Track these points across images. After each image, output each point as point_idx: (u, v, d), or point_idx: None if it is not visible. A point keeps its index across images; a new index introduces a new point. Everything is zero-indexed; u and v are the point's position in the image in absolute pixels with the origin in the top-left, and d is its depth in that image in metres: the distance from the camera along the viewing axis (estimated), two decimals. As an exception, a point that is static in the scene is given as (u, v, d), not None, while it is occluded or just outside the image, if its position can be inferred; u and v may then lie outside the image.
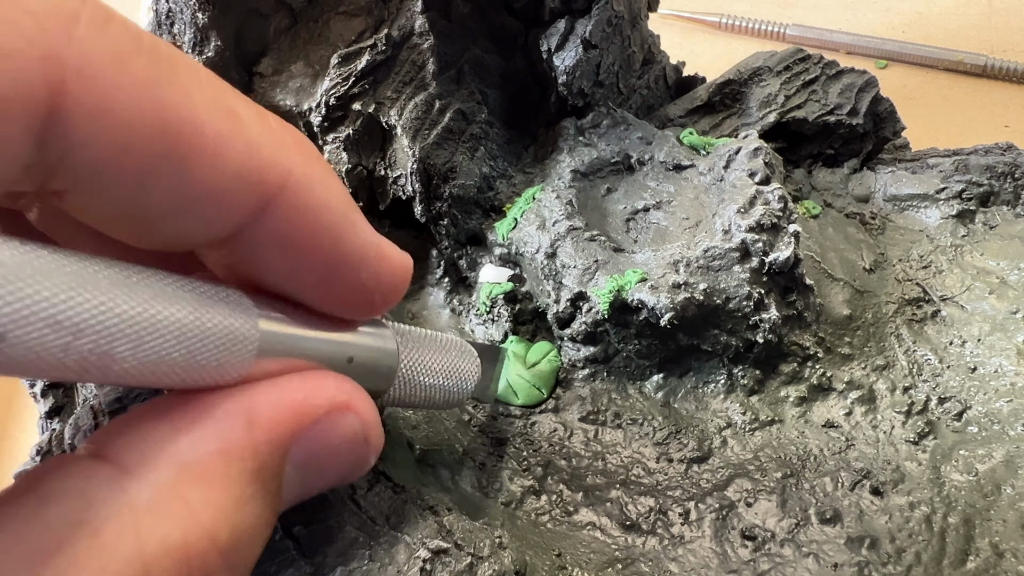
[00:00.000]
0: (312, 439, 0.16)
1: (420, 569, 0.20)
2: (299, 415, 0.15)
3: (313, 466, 0.16)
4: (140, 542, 0.12)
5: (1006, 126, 0.51)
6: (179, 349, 0.13)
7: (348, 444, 0.17)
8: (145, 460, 0.13)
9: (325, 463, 0.17)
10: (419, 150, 0.31)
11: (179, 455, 0.13)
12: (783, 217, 0.28)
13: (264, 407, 0.15)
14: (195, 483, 0.13)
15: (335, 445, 0.16)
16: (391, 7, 0.31)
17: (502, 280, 0.32)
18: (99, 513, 0.12)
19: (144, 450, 0.13)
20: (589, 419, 0.29)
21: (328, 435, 0.16)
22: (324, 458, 0.16)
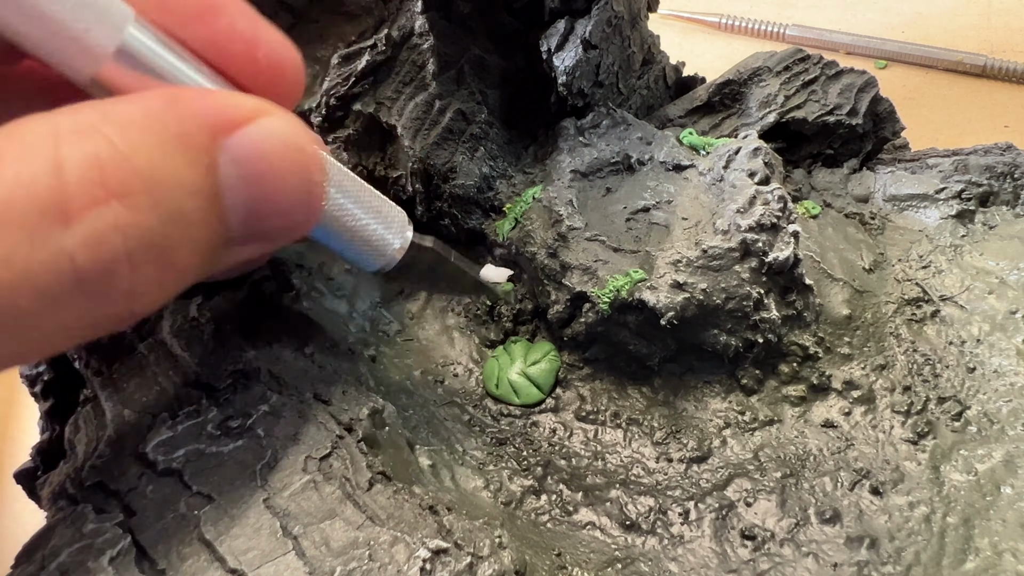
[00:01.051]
0: (243, 138, 0.16)
1: (420, 569, 0.20)
2: (221, 110, 0.16)
3: (250, 168, 0.17)
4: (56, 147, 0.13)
5: (1006, 126, 0.51)
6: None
7: (280, 147, 0.17)
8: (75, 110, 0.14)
9: (263, 166, 0.17)
10: (419, 150, 0.31)
11: (104, 110, 0.15)
12: (783, 217, 0.28)
13: (189, 96, 0.16)
14: (114, 126, 0.14)
15: (268, 145, 0.17)
16: (391, 7, 0.31)
17: (502, 280, 0.32)
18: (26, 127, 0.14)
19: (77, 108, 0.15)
20: (589, 419, 0.29)
21: (256, 135, 0.17)
22: (260, 159, 0.17)
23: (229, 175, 0.16)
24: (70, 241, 0.13)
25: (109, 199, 0.14)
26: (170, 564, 0.19)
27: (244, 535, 0.20)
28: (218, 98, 0.17)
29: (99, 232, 0.14)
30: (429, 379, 0.31)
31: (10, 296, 0.13)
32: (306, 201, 0.18)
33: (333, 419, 0.23)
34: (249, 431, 0.22)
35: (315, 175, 0.18)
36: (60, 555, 0.19)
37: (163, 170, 0.15)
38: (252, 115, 0.17)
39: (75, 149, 0.14)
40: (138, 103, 0.15)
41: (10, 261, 0.13)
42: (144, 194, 0.14)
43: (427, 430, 0.28)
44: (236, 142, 0.16)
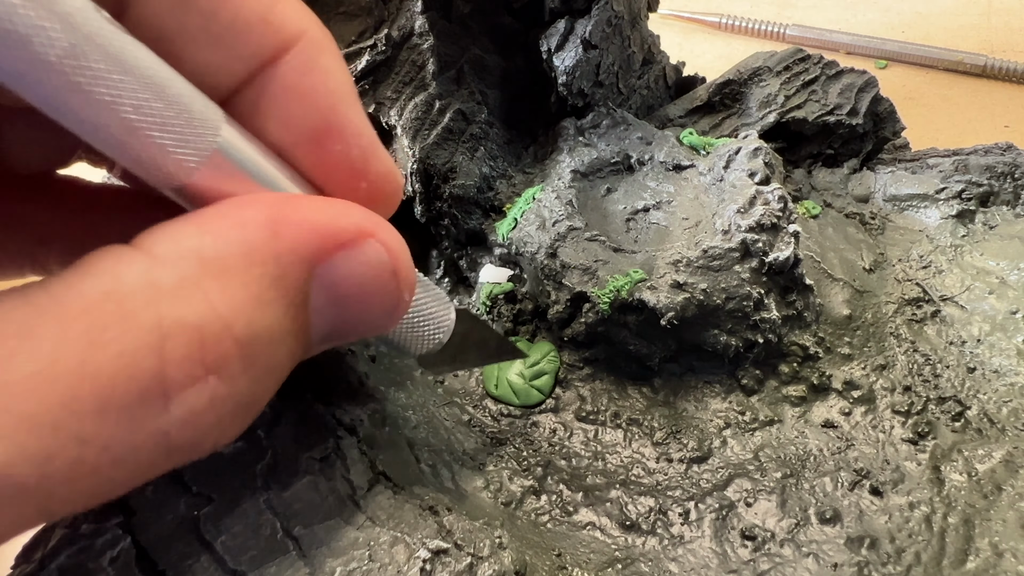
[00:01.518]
0: (338, 263, 0.16)
1: (420, 569, 0.20)
2: (323, 235, 0.16)
3: (341, 294, 0.16)
4: (159, 316, 0.13)
5: (1006, 126, 0.51)
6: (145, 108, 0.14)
7: (375, 273, 0.17)
8: (172, 252, 0.14)
9: (353, 291, 0.17)
10: (419, 150, 0.31)
11: (203, 250, 0.14)
12: (783, 217, 0.28)
13: (289, 221, 0.15)
14: (215, 277, 0.14)
15: (362, 273, 0.16)
16: (391, 7, 0.31)
17: (502, 280, 0.32)
18: (126, 288, 0.13)
19: (173, 245, 0.14)
20: (589, 419, 0.29)
21: (354, 261, 0.16)
22: (351, 286, 0.16)
23: (320, 303, 0.16)
24: (167, 421, 0.13)
25: (207, 376, 0.13)
26: (170, 565, 0.19)
27: (244, 535, 0.20)
28: (322, 217, 0.16)
29: (195, 410, 0.14)
30: (429, 379, 0.31)
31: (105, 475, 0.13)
32: (389, 319, 0.18)
33: (333, 419, 0.23)
34: (249, 431, 0.22)
35: (404, 297, 0.18)
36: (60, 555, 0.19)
37: (260, 328, 0.14)
38: (354, 237, 0.16)
39: (177, 320, 0.13)
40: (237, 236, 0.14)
41: (109, 447, 0.13)
42: (239, 361, 0.14)
43: (427, 430, 0.28)
44: (330, 267, 0.16)
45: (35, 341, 0.12)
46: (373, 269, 0.17)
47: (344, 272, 0.16)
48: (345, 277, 0.16)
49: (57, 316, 0.12)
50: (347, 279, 0.16)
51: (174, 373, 0.13)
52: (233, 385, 0.14)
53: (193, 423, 0.14)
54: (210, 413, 0.14)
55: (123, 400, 0.12)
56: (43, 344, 0.12)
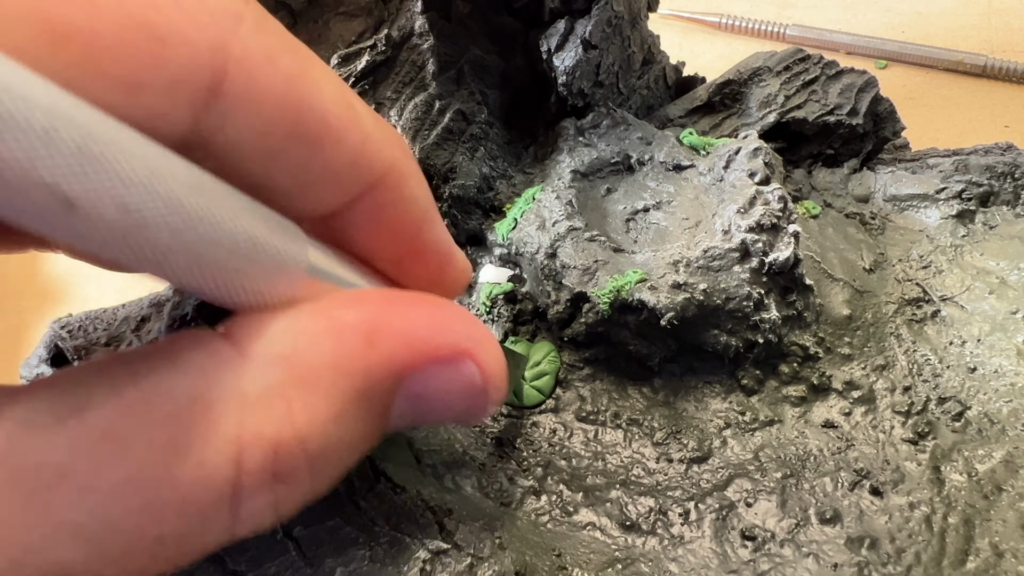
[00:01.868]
0: (429, 379, 0.16)
1: (420, 569, 0.20)
2: (421, 350, 0.15)
3: (425, 405, 0.16)
4: (240, 428, 0.13)
5: (1006, 126, 0.51)
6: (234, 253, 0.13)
7: (465, 392, 0.16)
8: (264, 353, 0.14)
9: (438, 405, 0.16)
10: (419, 150, 0.31)
11: (295, 357, 0.14)
12: (783, 217, 0.28)
13: (387, 331, 0.15)
14: (301, 387, 0.14)
15: (452, 391, 0.16)
16: (391, 7, 0.31)
17: (502, 280, 0.32)
18: (215, 393, 0.13)
19: (266, 343, 0.14)
20: (589, 419, 0.29)
21: (446, 380, 0.16)
22: (438, 400, 0.16)
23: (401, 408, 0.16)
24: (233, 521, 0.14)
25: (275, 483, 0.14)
26: (170, 565, 0.19)
27: (244, 536, 0.20)
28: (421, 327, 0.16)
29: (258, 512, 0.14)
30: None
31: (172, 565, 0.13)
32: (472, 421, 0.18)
33: (333, 419, 0.23)
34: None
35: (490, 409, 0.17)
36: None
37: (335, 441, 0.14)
38: (451, 356, 0.16)
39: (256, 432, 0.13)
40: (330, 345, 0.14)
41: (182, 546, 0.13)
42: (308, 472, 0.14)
43: (427, 430, 0.28)
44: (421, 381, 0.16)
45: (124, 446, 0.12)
46: (463, 389, 0.16)
47: (433, 388, 0.16)
48: (433, 393, 0.16)
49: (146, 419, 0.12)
50: (434, 396, 0.16)
51: (247, 480, 0.13)
52: (297, 490, 0.14)
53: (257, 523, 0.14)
54: (271, 513, 0.14)
55: (199, 505, 0.13)
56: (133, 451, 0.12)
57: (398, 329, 0.15)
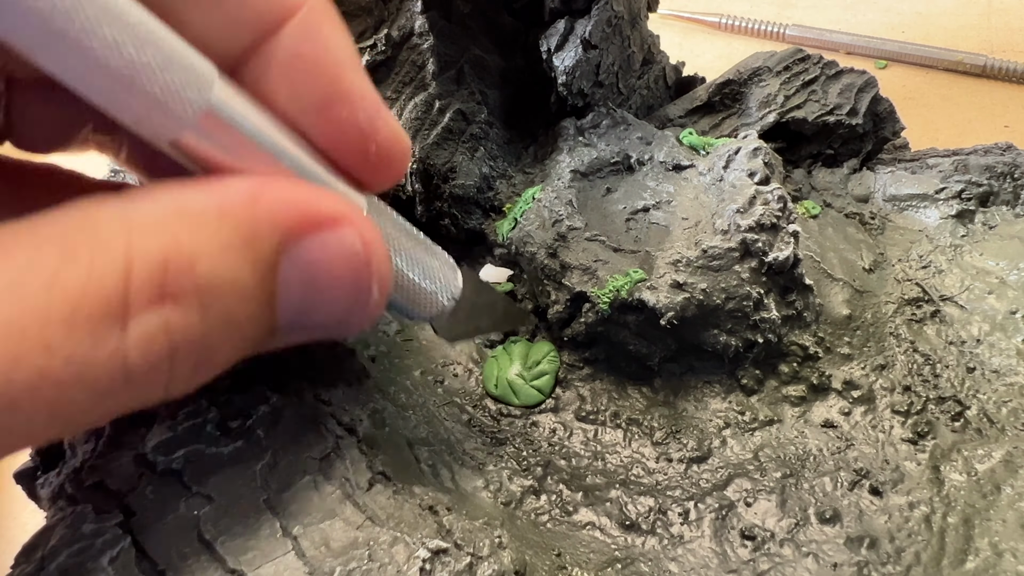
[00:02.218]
0: (312, 243, 0.16)
1: (420, 569, 0.20)
2: (301, 212, 0.16)
3: (311, 273, 0.17)
4: (129, 244, 0.14)
5: (1006, 126, 0.51)
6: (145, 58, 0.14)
7: (348, 259, 0.17)
8: (149, 199, 0.15)
9: (324, 276, 0.17)
10: (419, 150, 0.31)
11: (180, 201, 0.15)
12: (782, 217, 0.28)
13: (270, 193, 0.16)
14: (186, 223, 0.15)
15: (334, 256, 0.17)
16: (391, 7, 0.31)
17: (502, 280, 0.32)
18: (101, 221, 0.14)
19: (151, 195, 0.15)
20: (589, 419, 0.29)
21: (328, 244, 0.17)
22: (323, 269, 0.17)
23: (288, 278, 0.16)
24: (125, 341, 0.14)
25: (164, 301, 0.14)
26: (170, 565, 0.19)
27: (244, 535, 0.20)
28: (302, 196, 0.16)
29: (150, 334, 0.14)
30: (429, 379, 0.31)
31: (67, 391, 0.13)
32: (363, 311, 0.18)
33: (333, 419, 0.23)
34: (249, 431, 0.22)
35: (376, 290, 0.18)
36: (60, 555, 0.19)
37: (223, 277, 0.15)
38: (331, 221, 0.17)
39: (145, 247, 0.14)
40: (216, 196, 0.15)
41: (72, 359, 0.13)
42: (196, 298, 0.15)
43: (427, 430, 0.28)
44: (305, 247, 0.16)
45: (10, 257, 0.13)
46: (346, 255, 0.17)
47: (316, 253, 0.16)
48: (317, 258, 0.17)
49: (34, 237, 0.13)
50: (319, 260, 0.17)
51: (135, 295, 0.14)
52: (187, 319, 0.14)
53: (148, 348, 0.14)
54: (164, 340, 0.14)
55: (88, 313, 0.13)
56: (17, 259, 0.13)
57: (280, 193, 0.16)
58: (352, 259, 0.17)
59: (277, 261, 0.16)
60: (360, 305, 0.18)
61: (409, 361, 0.31)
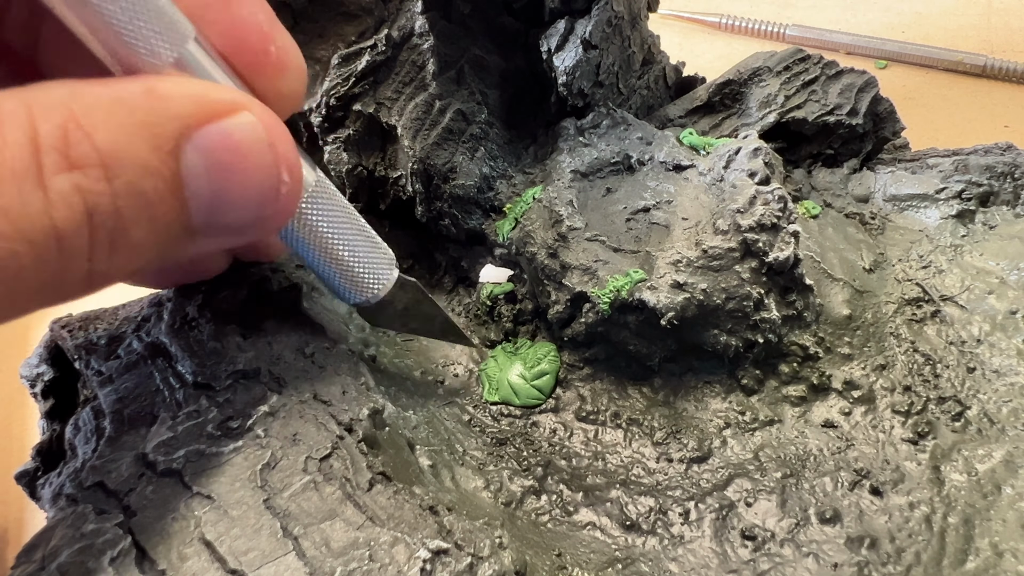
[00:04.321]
0: (211, 130, 0.17)
1: (420, 569, 0.20)
2: (197, 102, 0.17)
3: (215, 159, 0.17)
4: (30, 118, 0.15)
5: (1006, 126, 0.51)
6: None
7: (249, 142, 0.18)
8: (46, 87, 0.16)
9: (227, 158, 0.18)
10: (419, 150, 0.31)
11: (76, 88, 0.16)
12: (783, 217, 0.28)
13: (166, 86, 0.17)
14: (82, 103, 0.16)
15: (235, 140, 0.18)
16: (391, 7, 0.31)
17: (502, 280, 0.32)
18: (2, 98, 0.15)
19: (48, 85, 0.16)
20: (589, 419, 0.29)
21: (227, 128, 0.17)
22: (226, 153, 0.17)
23: (194, 164, 0.17)
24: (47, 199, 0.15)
25: (72, 168, 0.15)
26: (170, 564, 0.19)
27: (244, 535, 0.20)
28: (197, 89, 0.17)
29: (65, 194, 0.15)
30: (429, 379, 0.31)
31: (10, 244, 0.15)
32: (273, 198, 0.19)
33: (333, 419, 0.23)
34: (249, 431, 0.22)
35: (285, 175, 0.19)
36: (60, 555, 0.19)
37: (121, 150, 0.16)
38: (228, 109, 0.18)
39: (45, 121, 0.15)
40: (113, 88, 0.16)
41: (7, 212, 0.15)
42: (99, 167, 0.16)
43: (427, 430, 0.28)
44: (205, 133, 0.17)
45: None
46: (247, 137, 0.18)
47: (217, 137, 0.17)
48: (218, 142, 0.17)
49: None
50: (220, 144, 0.17)
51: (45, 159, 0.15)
52: (95, 185, 0.16)
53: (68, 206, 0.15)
54: (79, 200, 0.15)
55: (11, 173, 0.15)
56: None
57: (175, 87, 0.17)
58: (255, 142, 0.18)
59: (179, 147, 0.17)
60: (271, 192, 0.19)
61: (409, 361, 0.31)
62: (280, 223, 0.20)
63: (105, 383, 0.24)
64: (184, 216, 0.17)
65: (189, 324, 0.25)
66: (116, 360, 0.25)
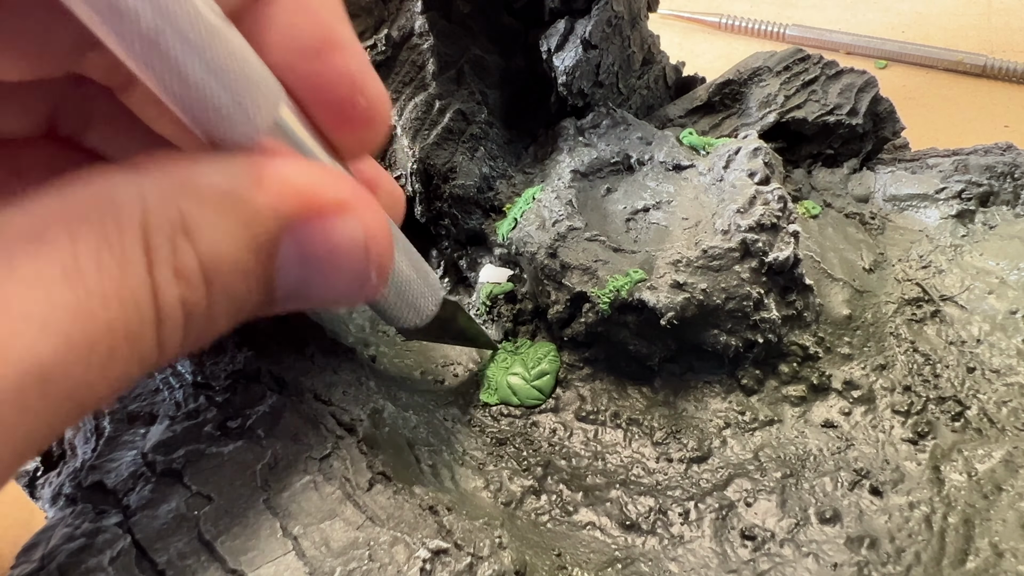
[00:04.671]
0: (312, 228, 0.17)
1: (420, 569, 0.20)
2: (304, 198, 0.17)
3: (310, 256, 0.17)
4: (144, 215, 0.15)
5: (1006, 126, 0.51)
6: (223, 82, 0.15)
7: (347, 246, 0.18)
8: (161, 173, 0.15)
9: (322, 257, 0.17)
10: (419, 150, 0.31)
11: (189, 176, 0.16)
12: (783, 217, 0.28)
13: (276, 177, 0.16)
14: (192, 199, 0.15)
15: (333, 242, 0.17)
16: (391, 7, 0.31)
17: (502, 280, 0.32)
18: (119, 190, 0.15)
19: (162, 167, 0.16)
20: (589, 419, 0.29)
21: (328, 230, 0.17)
22: (321, 252, 0.17)
23: (288, 255, 0.17)
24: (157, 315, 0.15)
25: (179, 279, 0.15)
26: (170, 564, 0.19)
27: (244, 535, 0.20)
28: (306, 182, 0.17)
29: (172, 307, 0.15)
30: (429, 379, 0.31)
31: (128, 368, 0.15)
32: (359, 294, 0.19)
33: (333, 419, 0.23)
34: (249, 431, 0.22)
35: (374, 275, 0.19)
36: (60, 555, 0.19)
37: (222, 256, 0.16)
38: (334, 209, 0.17)
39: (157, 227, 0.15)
40: (221, 176, 0.16)
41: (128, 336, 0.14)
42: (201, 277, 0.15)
43: (427, 430, 0.28)
44: (306, 230, 0.17)
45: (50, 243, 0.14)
46: (346, 242, 0.17)
47: (316, 238, 0.17)
48: (316, 243, 0.17)
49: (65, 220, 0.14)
50: (317, 245, 0.17)
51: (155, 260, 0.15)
52: (195, 296, 0.15)
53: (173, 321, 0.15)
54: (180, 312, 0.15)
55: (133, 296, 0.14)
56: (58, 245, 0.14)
57: (286, 178, 0.17)
58: (352, 247, 0.18)
59: (277, 243, 0.17)
60: (357, 288, 0.19)
61: (409, 361, 0.31)
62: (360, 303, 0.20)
63: (105, 383, 0.24)
64: (269, 299, 0.17)
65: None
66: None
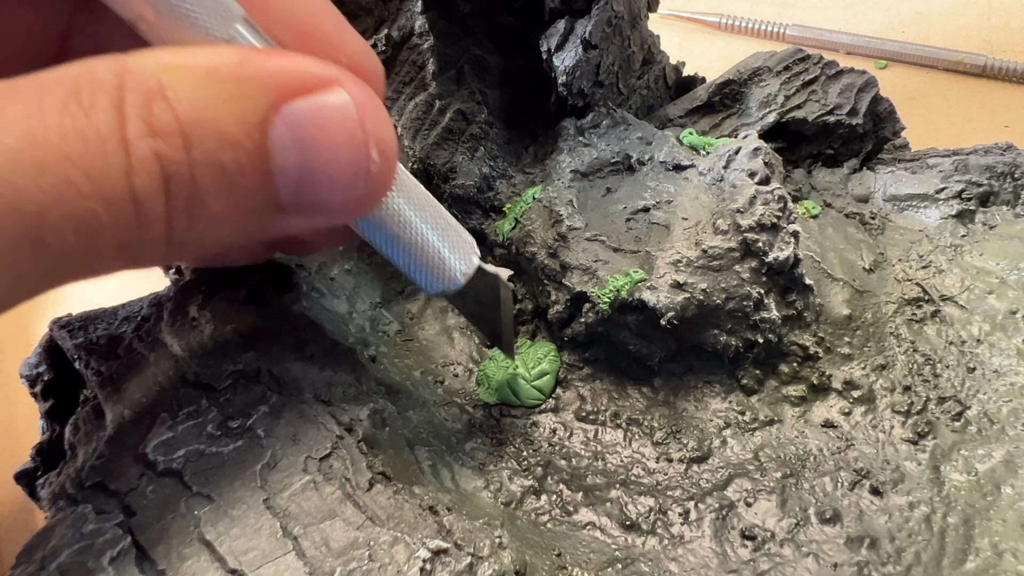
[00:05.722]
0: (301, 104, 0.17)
1: (420, 569, 0.20)
2: (289, 75, 0.17)
3: (304, 134, 0.17)
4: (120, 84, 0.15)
5: (1006, 126, 0.51)
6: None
7: (339, 119, 0.17)
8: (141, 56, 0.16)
9: (316, 134, 0.17)
10: (419, 150, 0.31)
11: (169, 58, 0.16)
12: (783, 217, 0.28)
13: (259, 59, 0.17)
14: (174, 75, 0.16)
15: (324, 116, 0.17)
16: (391, 7, 0.31)
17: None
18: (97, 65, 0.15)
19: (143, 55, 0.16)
20: (589, 419, 0.29)
21: (317, 103, 0.17)
22: (314, 127, 0.17)
23: (282, 137, 0.17)
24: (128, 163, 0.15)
25: (153, 135, 0.15)
26: (170, 564, 0.19)
27: (244, 535, 0.20)
28: (294, 62, 0.17)
29: (144, 159, 0.15)
30: (429, 379, 0.31)
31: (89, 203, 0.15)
32: (364, 179, 0.18)
33: (333, 419, 0.23)
34: (249, 431, 0.22)
35: (375, 153, 0.18)
36: (60, 555, 0.19)
37: (202, 120, 0.16)
38: (322, 83, 0.17)
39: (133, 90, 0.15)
40: (206, 58, 0.16)
41: (88, 172, 0.15)
42: (179, 136, 0.16)
43: (427, 430, 0.28)
44: (295, 107, 0.17)
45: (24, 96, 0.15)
46: (337, 115, 0.17)
47: (306, 113, 0.17)
48: (307, 117, 0.17)
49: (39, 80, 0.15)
50: (309, 120, 0.17)
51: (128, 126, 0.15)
52: (173, 154, 0.16)
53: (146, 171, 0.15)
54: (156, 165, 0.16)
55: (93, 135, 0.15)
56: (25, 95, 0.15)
57: (268, 59, 0.17)
58: (344, 119, 0.17)
59: (268, 120, 0.17)
60: (361, 171, 0.18)
61: (409, 361, 0.31)
62: (371, 205, 0.20)
63: (105, 383, 0.24)
64: (270, 190, 0.17)
65: (189, 324, 0.25)
66: (116, 360, 0.25)
